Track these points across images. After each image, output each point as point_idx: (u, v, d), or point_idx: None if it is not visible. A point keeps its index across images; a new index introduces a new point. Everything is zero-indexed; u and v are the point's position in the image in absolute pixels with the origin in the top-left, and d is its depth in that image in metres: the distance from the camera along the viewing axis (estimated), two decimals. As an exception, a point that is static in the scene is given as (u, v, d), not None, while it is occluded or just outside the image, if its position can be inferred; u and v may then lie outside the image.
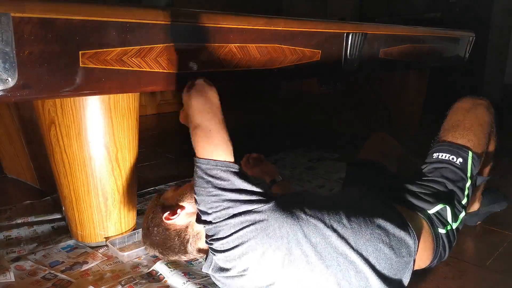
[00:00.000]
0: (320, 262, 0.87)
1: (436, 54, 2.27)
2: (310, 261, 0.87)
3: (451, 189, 1.07)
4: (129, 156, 1.25)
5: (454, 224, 1.05)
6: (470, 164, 1.09)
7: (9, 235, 1.36)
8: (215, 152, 0.90)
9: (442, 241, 1.03)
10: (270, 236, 0.87)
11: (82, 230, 1.27)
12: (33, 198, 1.67)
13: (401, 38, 1.93)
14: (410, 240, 0.95)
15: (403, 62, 2.01)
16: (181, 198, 1.00)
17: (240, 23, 1.17)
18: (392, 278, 0.93)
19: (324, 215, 0.91)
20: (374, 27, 1.75)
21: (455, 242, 1.07)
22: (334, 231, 0.89)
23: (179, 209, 0.97)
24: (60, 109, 1.12)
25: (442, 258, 1.06)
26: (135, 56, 0.98)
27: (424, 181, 1.10)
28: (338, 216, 0.92)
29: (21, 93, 0.83)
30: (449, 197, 1.06)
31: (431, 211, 1.03)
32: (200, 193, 0.89)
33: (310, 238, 0.88)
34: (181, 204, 0.98)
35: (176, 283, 1.07)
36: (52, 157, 1.20)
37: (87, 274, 1.13)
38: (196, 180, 0.91)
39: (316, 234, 0.88)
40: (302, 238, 0.87)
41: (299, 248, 0.87)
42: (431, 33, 2.18)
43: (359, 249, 0.89)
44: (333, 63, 1.58)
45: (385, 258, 0.91)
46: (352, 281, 0.88)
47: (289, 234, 0.87)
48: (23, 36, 0.79)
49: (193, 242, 0.98)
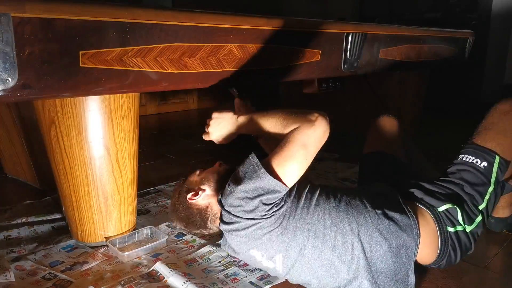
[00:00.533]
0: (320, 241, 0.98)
1: (436, 54, 2.27)
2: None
3: (469, 192, 1.06)
4: (129, 156, 1.25)
5: (467, 227, 1.03)
6: (496, 169, 1.06)
7: (9, 235, 1.36)
8: (290, 176, 0.96)
9: (451, 240, 1.02)
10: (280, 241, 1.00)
11: (82, 230, 1.27)
12: (33, 198, 1.67)
13: (401, 38, 1.93)
14: (412, 241, 0.97)
15: (403, 62, 2.01)
16: (203, 182, 1.12)
17: (240, 23, 1.17)
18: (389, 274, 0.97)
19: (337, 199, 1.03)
20: (374, 27, 1.75)
21: (472, 247, 1.05)
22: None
23: (201, 191, 1.10)
24: (60, 109, 1.12)
25: (452, 260, 1.04)
26: (135, 56, 0.98)
27: (442, 181, 1.10)
28: (353, 197, 1.04)
29: (21, 93, 0.83)
30: (462, 199, 1.06)
31: (440, 209, 1.03)
32: (238, 193, 0.97)
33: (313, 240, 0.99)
34: (202, 187, 1.11)
35: (176, 283, 1.07)
36: (52, 157, 1.20)
37: (87, 274, 1.13)
38: (245, 182, 0.96)
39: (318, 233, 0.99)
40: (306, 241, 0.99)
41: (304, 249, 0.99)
42: (431, 33, 2.18)
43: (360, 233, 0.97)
44: (333, 63, 1.58)
45: (382, 252, 0.96)
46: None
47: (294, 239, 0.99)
48: (23, 36, 0.79)
49: (212, 220, 1.10)
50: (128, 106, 1.19)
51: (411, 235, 0.98)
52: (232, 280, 1.10)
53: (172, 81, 1.08)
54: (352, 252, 0.96)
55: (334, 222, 0.98)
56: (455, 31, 2.40)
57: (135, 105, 1.22)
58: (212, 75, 1.17)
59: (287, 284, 1.08)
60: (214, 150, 1.53)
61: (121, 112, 1.18)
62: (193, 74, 1.12)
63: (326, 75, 1.61)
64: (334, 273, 0.98)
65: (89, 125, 1.14)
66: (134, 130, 1.24)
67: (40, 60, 0.83)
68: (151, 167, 2.10)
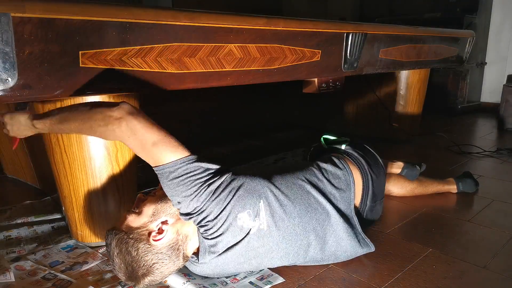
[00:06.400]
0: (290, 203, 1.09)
1: (436, 54, 2.27)
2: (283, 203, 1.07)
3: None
4: (129, 156, 1.25)
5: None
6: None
7: (9, 235, 1.36)
8: (174, 154, 0.96)
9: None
10: (246, 195, 1.03)
11: (82, 230, 1.27)
12: (33, 198, 1.67)
13: (401, 38, 1.94)
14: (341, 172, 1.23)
15: (403, 62, 2.02)
16: (158, 215, 1.00)
17: (240, 23, 1.17)
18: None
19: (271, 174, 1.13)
20: (374, 27, 1.75)
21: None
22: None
23: (164, 225, 0.99)
24: (60, 109, 1.12)
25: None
26: (135, 56, 0.98)
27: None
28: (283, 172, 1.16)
29: (21, 93, 0.83)
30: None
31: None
32: (181, 193, 0.96)
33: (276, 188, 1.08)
34: (162, 220, 1.00)
35: (176, 283, 1.07)
36: (52, 157, 1.20)
37: (87, 274, 1.13)
38: (169, 185, 0.96)
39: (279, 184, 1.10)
40: (270, 191, 1.07)
41: (270, 199, 1.06)
42: (431, 33, 2.18)
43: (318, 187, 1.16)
44: (333, 63, 1.58)
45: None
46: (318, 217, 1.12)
47: (260, 190, 1.05)
48: (23, 36, 0.79)
49: (185, 247, 1.01)
50: (128, 106, 1.19)
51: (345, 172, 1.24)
52: (232, 281, 1.10)
53: (172, 81, 1.08)
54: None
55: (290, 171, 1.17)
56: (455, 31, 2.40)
57: (135, 105, 1.22)
58: (212, 75, 1.17)
59: (287, 284, 1.08)
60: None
61: (121, 112, 1.18)
62: (193, 74, 1.12)
63: (326, 75, 1.61)
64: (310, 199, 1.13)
65: (89, 125, 1.14)
66: (134, 130, 1.24)
67: (40, 60, 0.83)
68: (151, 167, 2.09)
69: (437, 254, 1.23)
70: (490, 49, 3.73)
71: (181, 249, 1.01)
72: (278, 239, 1.06)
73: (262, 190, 1.06)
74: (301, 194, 1.12)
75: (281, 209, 1.07)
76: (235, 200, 1.01)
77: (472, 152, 2.34)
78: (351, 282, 1.09)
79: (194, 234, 1.04)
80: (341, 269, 1.15)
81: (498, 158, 2.24)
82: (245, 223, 1.02)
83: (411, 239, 1.33)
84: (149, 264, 0.95)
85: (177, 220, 1.02)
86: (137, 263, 0.94)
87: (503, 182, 1.87)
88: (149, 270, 0.95)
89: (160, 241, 0.97)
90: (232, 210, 1.00)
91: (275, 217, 1.06)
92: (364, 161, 1.32)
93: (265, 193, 1.06)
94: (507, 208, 1.57)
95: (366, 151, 1.38)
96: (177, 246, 1.00)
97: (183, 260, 1.02)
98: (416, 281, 1.09)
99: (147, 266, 0.94)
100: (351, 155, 1.34)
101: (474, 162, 2.19)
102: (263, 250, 1.06)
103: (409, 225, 1.44)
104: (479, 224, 1.43)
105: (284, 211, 1.07)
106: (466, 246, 1.29)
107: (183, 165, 0.96)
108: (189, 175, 0.96)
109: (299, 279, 1.10)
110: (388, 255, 1.23)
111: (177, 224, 1.01)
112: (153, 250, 0.96)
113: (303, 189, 1.14)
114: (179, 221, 1.02)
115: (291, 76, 1.43)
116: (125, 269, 0.95)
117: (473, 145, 2.49)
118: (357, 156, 1.33)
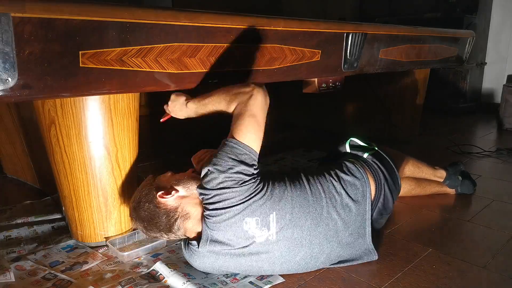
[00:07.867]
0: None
1: (436, 54, 2.27)
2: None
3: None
4: (129, 156, 1.25)
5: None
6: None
7: (9, 235, 1.36)
8: (253, 143, 1.06)
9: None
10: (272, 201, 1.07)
11: (82, 230, 1.27)
12: (33, 198, 1.67)
13: (401, 38, 1.93)
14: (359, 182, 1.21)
15: (403, 62, 2.01)
16: (177, 183, 1.11)
17: (240, 23, 1.17)
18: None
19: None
20: (374, 27, 1.75)
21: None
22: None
23: (174, 191, 1.08)
24: (60, 109, 1.12)
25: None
26: (135, 56, 0.98)
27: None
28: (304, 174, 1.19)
29: (21, 93, 0.83)
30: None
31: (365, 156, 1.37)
32: (221, 165, 1.02)
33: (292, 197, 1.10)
34: (176, 187, 1.09)
35: (176, 283, 1.07)
36: (52, 157, 1.20)
37: (87, 274, 1.13)
38: (221, 156, 1.03)
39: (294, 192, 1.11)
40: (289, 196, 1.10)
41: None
42: (431, 33, 2.18)
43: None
44: (333, 63, 1.58)
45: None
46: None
47: (276, 202, 1.07)
48: (23, 36, 0.79)
49: (181, 222, 1.08)
50: (128, 106, 1.19)
51: (362, 181, 1.23)
52: (232, 280, 1.10)
53: (172, 81, 1.08)
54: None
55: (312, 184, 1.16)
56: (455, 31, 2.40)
57: (135, 105, 1.22)
58: (212, 75, 1.17)
59: (287, 284, 1.08)
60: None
61: (121, 112, 1.18)
62: (193, 74, 1.12)
63: (326, 75, 1.61)
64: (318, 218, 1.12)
65: (89, 125, 1.14)
66: (134, 130, 1.24)
67: (40, 60, 0.83)
68: (151, 167, 2.10)
69: (437, 254, 1.23)
70: (490, 49, 3.73)
71: (178, 223, 1.07)
72: (283, 250, 1.08)
73: (278, 202, 1.07)
74: (315, 208, 1.12)
75: (292, 223, 1.08)
76: (249, 203, 1.03)
77: (472, 152, 2.34)
78: (351, 282, 1.10)
79: (196, 219, 1.08)
80: (341, 269, 1.15)
81: (498, 158, 2.25)
82: (251, 229, 1.04)
83: (411, 239, 1.33)
84: (146, 209, 1.08)
85: (187, 198, 1.08)
86: (138, 204, 1.09)
87: (503, 182, 1.87)
88: (142, 215, 1.09)
89: (161, 199, 1.07)
90: (242, 211, 1.03)
91: (284, 229, 1.07)
92: (382, 175, 1.30)
93: (280, 205, 1.07)
94: (507, 208, 1.57)
95: (386, 165, 1.35)
96: (173, 215, 1.07)
97: (179, 233, 1.09)
98: (416, 281, 1.09)
99: (144, 209, 1.08)
100: (370, 166, 1.31)
101: (474, 162, 2.19)
102: (266, 257, 1.07)
103: (409, 225, 1.44)
104: (479, 224, 1.43)
105: (294, 225, 1.08)
106: (466, 246, 1.29)
107: (251, 159, 1.04)
108: (244, 167, 1.03)
109: (299, 279, 1.11)
110: (388, 255, 1.23)
111: (184, 200, 1.08)
112: (153, 201, 1.08)
113: (319, 203, 1.13)
114: (188, 199, 1.08)
115: (291, 76, 1.43)
116: (133, 200, 1.13)
117: (473, 145, 2.49)
118: (376, 168, 1.31)
